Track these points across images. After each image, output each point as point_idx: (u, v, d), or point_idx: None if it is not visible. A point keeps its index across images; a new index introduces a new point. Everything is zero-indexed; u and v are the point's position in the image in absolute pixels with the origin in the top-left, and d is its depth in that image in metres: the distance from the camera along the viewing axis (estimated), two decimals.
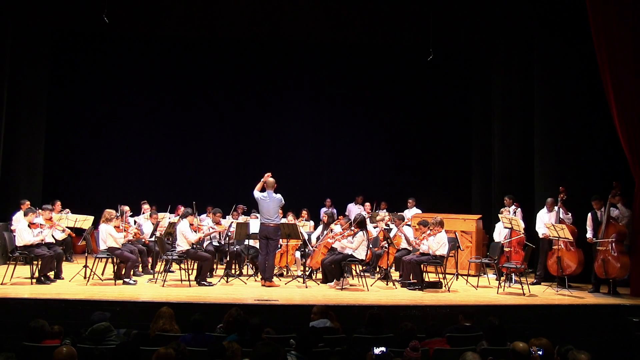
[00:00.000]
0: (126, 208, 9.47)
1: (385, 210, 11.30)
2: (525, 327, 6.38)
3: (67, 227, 9.18)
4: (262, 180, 8.29)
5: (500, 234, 9.14)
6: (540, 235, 8.79)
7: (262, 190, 8.27)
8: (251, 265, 9.40)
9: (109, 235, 8.09)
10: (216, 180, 13.15)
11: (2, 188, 10.49)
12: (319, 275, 8.90)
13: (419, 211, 11.18)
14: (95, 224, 8.96)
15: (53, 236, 8.53)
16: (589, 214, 8.27)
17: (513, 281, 8.51)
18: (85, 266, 8.13)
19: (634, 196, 7.98)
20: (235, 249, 9.06)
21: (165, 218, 9.98)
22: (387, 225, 9.74)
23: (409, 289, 8.17)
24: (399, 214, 10.46)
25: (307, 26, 11.97)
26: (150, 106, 13.01)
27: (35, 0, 10.82)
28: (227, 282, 8.43)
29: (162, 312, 5.41)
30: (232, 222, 9.25)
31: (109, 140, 12.88)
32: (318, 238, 9.24)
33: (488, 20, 11.52)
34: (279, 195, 8.25)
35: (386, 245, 8.71)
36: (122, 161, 12.87)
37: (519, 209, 9.61)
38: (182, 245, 8.23)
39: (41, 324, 4.78)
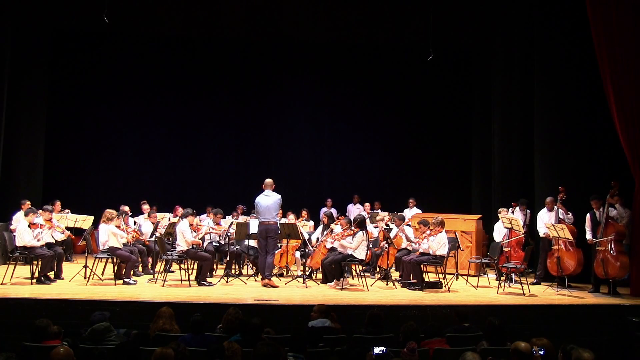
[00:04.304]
0: (126, 208, 9.47)
1: (382, 210, 11.30)
2: (525, 327, 6.39)
3: (67, 227, 9.17)
4: None
5: (499, 233, 9.14)
6: (541, 235, 8.79)
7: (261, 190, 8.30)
8: (251, 265, 9.40)
9: (112, 234, 8.09)
10: (216, 180, 13.15)
11: (2, 188, 10.49)
12: (319, 275, 8.90)
13: (419, 211, 11.19)
14: (95, 224, 8.96)
15: (53, 236, 8.52)
16: (588, 214, 8.27)
17: (513, 281, 8.50)
18: (85, 266, 8.13)
19: (633, 196, 7.98)
20: (235, 249, 9.06)
21: (165, 218, 9.97)
22: (387, 225, 9.74)
23: (409, 289, 8.17)
24: (399, 214, 10.46)
25: (307, 26, 12.00)
26: (150, 106, 13.02)
27: (35, 1, 10.83)
28: (227, 282, 8.43)
29: (161, 312, 5.40)
30: (232, 222, 9.25)
31: (109, 140, 12.89)
32: (318, 239, 9.24)
33: (488, 20, 11.54)
34: (278, 195, 8.26)
35: (386, 245, 8.71)
36: (122, 161, 12.88)
37: (517, 208, 9.62)
38: (182, 245, 8.23)
39: (46, 323, 4.77)
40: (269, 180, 8.37)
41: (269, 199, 8.19)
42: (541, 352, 4.23)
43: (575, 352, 3.91)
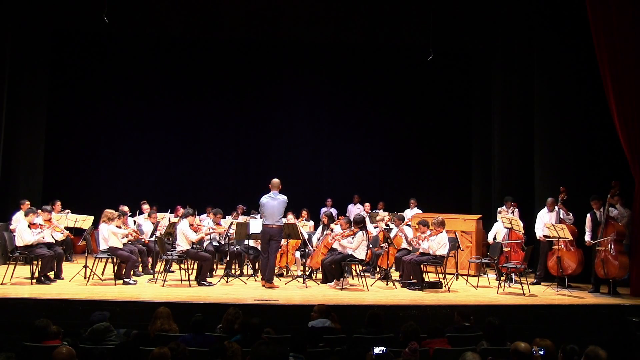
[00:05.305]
0: (125, 208, 9.47)
1: (383, 210, 11.32)
2: (525, 327, 6.38)
3: (67, 227, 9.16)
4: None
5: (498, 233, 9.14)
6: (538, 237, 8.79)
7: (267, 191, 8.26)
8: (251, 265, 9.39)
9: (112, 234, 8.08)
10: (216, 180, 13.15)
11: (2, 188, 10.49)
12: (319, 275, 8.90)
13: (420, 211, 11.19)
14: (95, 224, 8.96)
15: (53, 236, 8.52)
16: (588, 215, 8.27)
17: (513, 281, 8.51)
18: (85, 266, 8.13)
19: (633, 196, 7.98)
20: (235, 249, 9.06)
21: (165, 218, 9.97)
22: (387, 225, 9.74)
23: (409, 289, 8.17)
24: (399, 214, 10.47)
25: (307, 26, 12.01)
26: (150, 106, 13.01)
27: (35, 1, 10.83)
28: (227, 282, 8.43)
29: (158, 312, 5.39)
30: (232, 222, 9.25)
31: (109, 140, 12.89)
32: (319, 239, 9.23)
33: (488, 20, 11.55)
34: (284, 197, 8.19)
35: (386, 245, 8.71)
36: (122, 161, 12.88)
37: (516, 209, 9.62)
38: (182, 245, 8.23)
39: (46, 323, 4.78)
40: (276, 181, 8.23)
41: (274, 201, 8.11)
42: (541, 352, 4.24)
43: (592, 349, 3.91)
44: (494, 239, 9.31)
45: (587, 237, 8.20)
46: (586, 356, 3.90)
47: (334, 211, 11.69)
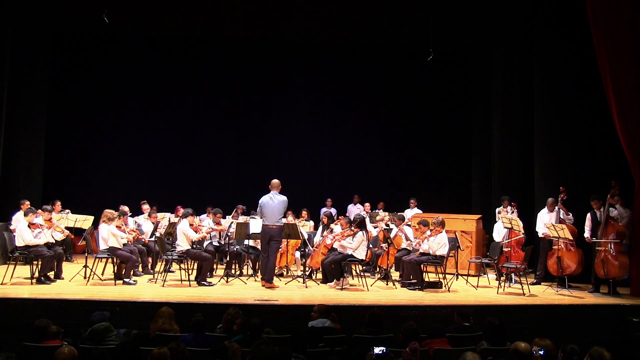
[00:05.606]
0: (126, 208, 9.47)
1: (383, 210, 11.32)
2: (525, 327, 6.39)
3: (67, 227, 9.17)
4: None
5: (499, 233, 9.14)
6: (540, 235, 8.80)
7: (267, 191, 8.25)
8: (251, 265, 9.39)
9: (112, 235, 8.08)
10: (216, 180, 13.15)
11: (2, 188, 10.49)
12: (319, 275, 8.90)
13: (420, 211, 11.19)
14: (95, 224, 8.96)
15: (53, 236, 8.52)
16: (588, 214, 8.27)
17: (513, 281, 8.51)
18: (85, 266, 8.13)
19: (633, 196, 7.98)
20: (235, 249, 9.06)
21: (165, 218, 9.97)
22: (387, 225, 9.74)
23: (409, 289, 8.17)
24: (399, 214, 10.47)
25: (306, 26, 12.00)
26: (150, 106, 13.01)
27: (35, 1, 10.83)
28: (227, 282, 8.43)
29: (161, 311, 5.41)
30: (232, 222, 9.25)
31: (109, 140, 12.89)
32: (319, 239, 9.23)
33: (488, 20, 11.54)
34: (284, 197, 8.19)
35: (386, 245, 8.71)
36: (122, 161, 12.88)
37: (516, 209, 9.62)
38: (182, 245, 8.23)
39: (45, 323, 4.78)
40: (275, 181, 8.23)
41: (274, 201, 8.10)
42: (541, 352, 4.24)
43: (596, 349, 3.91)
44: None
45: (587, 234, 8.20)
46: (590, 356, 3.90)
47: (333, 211, 11.69)
